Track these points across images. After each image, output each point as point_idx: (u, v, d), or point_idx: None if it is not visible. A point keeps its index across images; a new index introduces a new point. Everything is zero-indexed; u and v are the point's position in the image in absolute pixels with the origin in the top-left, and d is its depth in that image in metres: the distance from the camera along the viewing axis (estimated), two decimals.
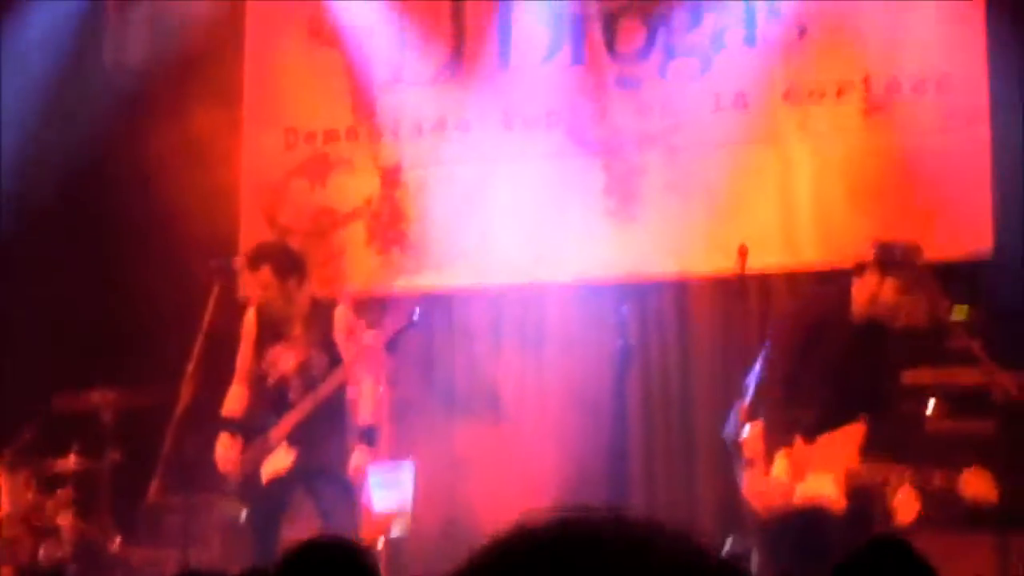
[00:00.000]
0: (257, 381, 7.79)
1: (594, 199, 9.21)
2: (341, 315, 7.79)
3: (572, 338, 8.95)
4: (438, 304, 9.20)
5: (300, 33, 9.76)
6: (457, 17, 9.53)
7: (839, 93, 8.85)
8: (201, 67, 9.61)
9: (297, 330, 7.73)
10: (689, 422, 8.93)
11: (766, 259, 8.62)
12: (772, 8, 8.99)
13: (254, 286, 7.82)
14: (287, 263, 7.74)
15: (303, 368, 7.68)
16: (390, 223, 9.60)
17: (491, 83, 9.44)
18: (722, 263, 8.34)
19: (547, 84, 9.35)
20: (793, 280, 8.82)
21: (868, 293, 7.08)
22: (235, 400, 7.84)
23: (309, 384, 7.64)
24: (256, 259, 7.77)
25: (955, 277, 7.77)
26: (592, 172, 9.24)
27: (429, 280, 9.37)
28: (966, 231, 8.47)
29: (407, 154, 9.57)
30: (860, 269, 7.11)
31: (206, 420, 7.85)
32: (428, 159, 9.53)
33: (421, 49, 9.57)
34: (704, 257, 8.90)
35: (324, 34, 9.73)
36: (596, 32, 9.26)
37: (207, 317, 7.85)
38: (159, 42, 9.74)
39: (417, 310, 7.70)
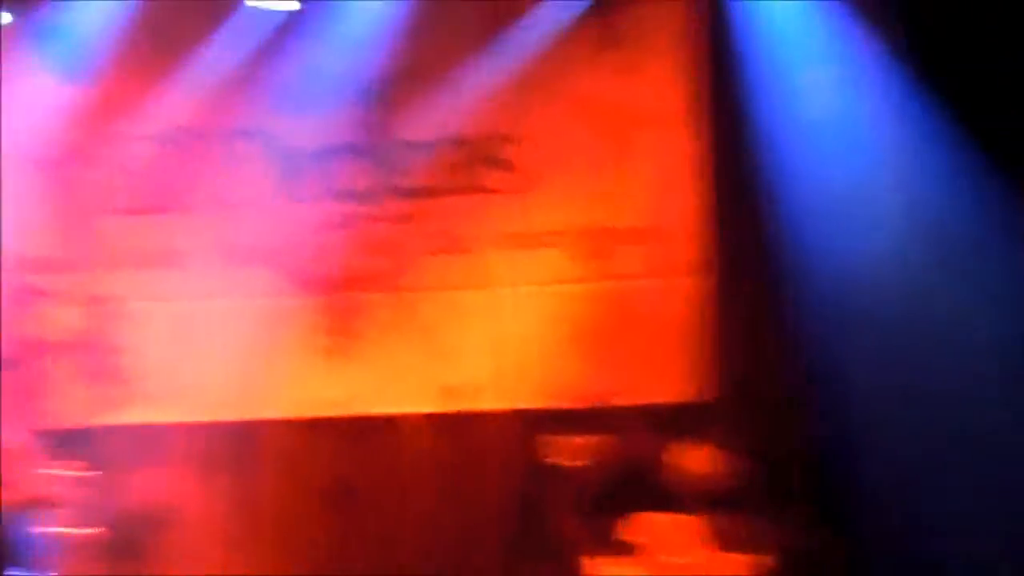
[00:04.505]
0: None
1: (310, 337, 9.17)
2: None
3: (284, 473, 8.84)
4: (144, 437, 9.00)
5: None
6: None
7: (554, 240, 9.06)
8: None
9: None
10: None
11: (478, 402, 8.72)
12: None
13: None
14: None
15: None
16: (99, 356, 9.35)
17: (211, 217, 9.36)
18: (434, 404, 8.40)
19: (268, 221, 9.31)
20: (502, 420, 8.91)
21: None
22: None
23: None
24: None
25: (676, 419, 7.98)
26: (309, 310, 9.21)
27: (138, 415, 9.16)
28: (682, 375, 8.70)
29: (120, 286, 9.37)
30: None
31: None
32: (142, 292, 9.35)
33: (139, 177, 9.45)
34: (416, 397, 8.92)
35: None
36: (318, 171, 9.30)
37: None
38: None
39: None
